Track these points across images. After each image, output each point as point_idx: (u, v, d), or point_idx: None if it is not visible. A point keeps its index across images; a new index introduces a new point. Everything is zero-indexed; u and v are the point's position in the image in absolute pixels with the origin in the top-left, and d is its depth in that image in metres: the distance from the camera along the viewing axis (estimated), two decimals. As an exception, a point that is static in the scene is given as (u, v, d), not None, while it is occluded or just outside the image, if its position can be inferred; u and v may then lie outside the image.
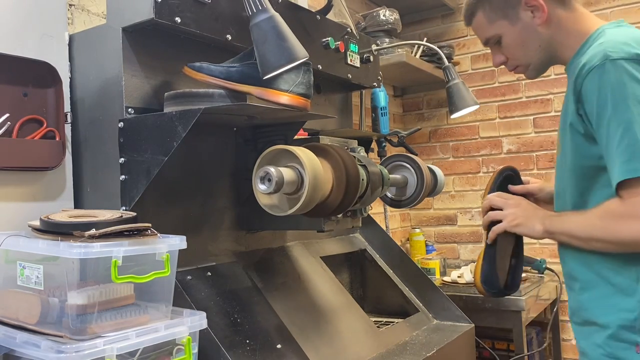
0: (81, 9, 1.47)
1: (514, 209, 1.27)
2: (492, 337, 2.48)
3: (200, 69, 1.27)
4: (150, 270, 0.98)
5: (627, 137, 1.00)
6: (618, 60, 1.03)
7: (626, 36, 1.08)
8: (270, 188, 1.12)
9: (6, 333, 0.96)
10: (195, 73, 1.27)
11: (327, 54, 1.71)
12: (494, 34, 1.26)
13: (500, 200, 1.31)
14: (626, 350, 1.06)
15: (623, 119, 1.00)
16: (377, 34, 2.52)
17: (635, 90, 1.01)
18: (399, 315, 1.85)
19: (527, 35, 1.22)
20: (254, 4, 1.25)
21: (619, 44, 1.05)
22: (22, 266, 0.99)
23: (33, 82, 1.27)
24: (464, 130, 3.07)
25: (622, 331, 1.07)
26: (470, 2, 1.29)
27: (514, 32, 1.23)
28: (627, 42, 1.05)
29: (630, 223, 1.00)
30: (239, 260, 1.48)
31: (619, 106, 1.01)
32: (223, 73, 1.26)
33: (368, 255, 1.97)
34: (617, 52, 1.04)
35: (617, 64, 1.02)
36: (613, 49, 1.05)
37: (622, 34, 1.10)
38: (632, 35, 1.09)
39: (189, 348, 1.01)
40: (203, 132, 1.40)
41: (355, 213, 1.45)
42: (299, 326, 1.39)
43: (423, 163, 1.65)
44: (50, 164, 1.26)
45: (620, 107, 1.01)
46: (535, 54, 1.24)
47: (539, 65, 1.26)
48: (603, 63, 1.04)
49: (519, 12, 1.21)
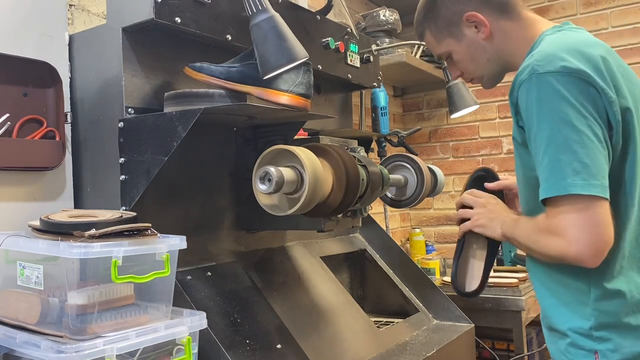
0: (81, 9, 1.47)
1: (480, 208, 1.28)
2: (492, 337, 2.47)
3: (200, 69, 1.27)
4: (150, 270, 0.98)
5: (547, 155, 1.00)
6: (543, 75, 1.01)
7: (559, 45, 1.05)
8: (270, 188, 1.12)
9: (6, 333, 0.96)
10: (195, 73, 1.27)
11: (327, 54, 1.71)
12: (444, 51, 1.27)
13: (471, 199, 1.31)
14: (586, 357, 1.06)
15: (544, 136, 1.00)
16: (377, 34, 2.52)
17: (557, 106, 0.99)
18: (399, 315, 1.85)
19: (474, 51, 1.23)
20: (254, 4, 1.25)
21: (547, 56, 1.03)
22: (22, 266, 0.99)
23: (33, 82, 1.27)
24: (464, 130, 3.07)
25: (580, 339, 1.06)
26: (418, 22, 1.30)
27: (461, 48, 1.24)
28: (556, 54, 1.02)
29: (551, 239, 1.01)
30: (239, 260, 1.48)
31: (541, 123, 1.01)
32: (223, 73, 1.26)
33: (368, 255, 1.97)
34: (544, 66, 1.01)
35: (542, 78, 1.01)
36: (540, 62, 1.02)
37: (556, 43, 1.07)
38: (566, 44, 1.06)
39: (189, 348, 1.01)
40: (203, 132, 1.40)
41: (355, 213, 1.45)
42: (299, 326, 1.39)
43: (423, 163, 1.65)
44: (50, 164, 1.26)
45: (543, 124, 1.00)
46: (485, 66, 1.24)
47: (492, 77, 1.26)
48: (530, 77, 1.02)
49: (463, 29, 1.22)
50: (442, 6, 1.23)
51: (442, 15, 1.23)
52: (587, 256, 0.98)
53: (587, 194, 0.96)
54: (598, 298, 1.05)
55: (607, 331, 1.04)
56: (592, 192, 0.96)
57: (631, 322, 1.04)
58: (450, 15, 1.22)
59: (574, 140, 0.98)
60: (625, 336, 1.04)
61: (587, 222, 0.97)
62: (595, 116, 0.99)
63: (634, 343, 1.04)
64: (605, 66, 1.03)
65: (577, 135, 0.98)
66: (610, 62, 1.05)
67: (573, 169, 0.97)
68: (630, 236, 1.07)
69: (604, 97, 1.00)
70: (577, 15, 2.79)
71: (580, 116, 0.98)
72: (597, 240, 0.97)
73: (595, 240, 0.97)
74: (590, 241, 0.97)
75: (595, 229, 0.97)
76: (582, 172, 0.97)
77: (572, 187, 0.96)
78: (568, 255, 0.99)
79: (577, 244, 0.97)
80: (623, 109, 1.03)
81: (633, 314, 1.04)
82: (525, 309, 2.11)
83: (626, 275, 1.06)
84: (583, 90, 0.99)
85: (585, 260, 0.98)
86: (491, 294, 2.14)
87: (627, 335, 1.04)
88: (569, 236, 0.98)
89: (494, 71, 1.25)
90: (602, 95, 1.00)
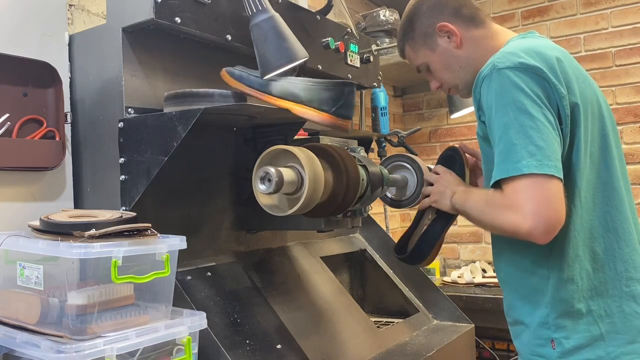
0: (81, 9, 1.47)
1: (437, 184, 1.34)
2: (492, 337, 2.47)
3: (240, 79, 1.27)
4: (150, 270, 0.98)
5: (502, 141, 1.06)
6: (503, 70, 1.09)
7: (519, 47, 1.14)
8: (270, 188, 1.12)
9: (6, 333, 0.96)
10: (232, 80, 1.28)
11: (327, 54, 1.71)
12: (421, 62, 1.35)
13: (432, 176, 1.38)
14: (544, 346, 1.13)
15: (501, 123, 1.07)
16: (377, 34, 2.52)
17: (514, 96, 1.07)
18: (399, 315, 1.85)
19: (448, 59, 1.31)
20: (254, 4, 1.25)
21: (507, 55, 1.11)
22: (22, 266, 0.99)
23: (33, 82, 1.27)
24: (464, 130, 3.07)
25: (539, 329, 1.13)
26: (398, 40, 1.40)
27: (436, 57, 1.32)
28: (515, 52, 1.11)
29: (506, 213, 1.06)
30: (239, 260, 1.48)
31: (499, 111, 1.08)
32: (263, 86, 1.26)
33: (368, 256, 1.97)
34: (503, 62, 1.10)
35: (502, 73, 1.09)
36: (500, 59, 1.11)
37: (516, 45, 1.16)
38: (525, 46, 1.14)
39: (189, 348, 1.01)
40: (203, 132, 1.40)
41: (355, 213, 1.45)
42: (299, 326, 1.39)
43: (423, 163, 1.65)
44: (50, 164, 1.26)
45: (500, 112, 1.08)
46: (458, 74, 1.31)
47: (466, 84, 1.31)
48: (491, 73, 1.10)
49: (437, 40, 1.30)
50: (418, 21, 1.33)
51: (417, 29, 1.33)
52: (540, 230, 1.02)
53: (542, 173, 1.02)
54: (555, 286, 1.11)
55: (561, 319, 1.11)
56: (546, 171, 1.02)
57: (582, 309, 1.10)
58: (424, 28, 1.32)
59: (529, 127, 1.04)
60: (577, 322, 1.10)
61: (542, 197, 1.02)
62: (548, 106, 1.07)
63: (585, 328, 1.10)
64: (559, 66, 1.11)
65: (532, 122, 1.05)
66: (564, 63, 1.13)
67: (528, 151, 1.03)
68: (583, 226, 1.13)
69: (555, 91, 1.08)
70: (577, 15, 2.80)
71: (535, 105, 1.06)
72: (551, 215, 1.02)
73: (550, 215, 1.02)
74: (546, 216, 1.01)
75: (550, 204, 1.02)
76: (536, 154, 1.03)
77: (527, 168, 1.02)
78: (522, 229, 1.03)
79: (532, 217, 1.01)
80: (572, 104, 1.10)
81: (584, 300, 1.11)
82: (525, 309, 2.11)
83: (580, 263, 1.12)
84: (538, 83, 1.08)
85: (537, 235, 1.03)
86: (491, 294, 2.15)
87: (579, 321, 1.10)
88: (524, 210, 1.02)
89: (467, 79, 1.30)
90: (554, 89, 1.08)
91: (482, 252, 2.99)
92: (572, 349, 1.10)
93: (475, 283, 2.40)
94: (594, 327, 1.10)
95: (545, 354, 1.12)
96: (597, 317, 1.11)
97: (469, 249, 3.02)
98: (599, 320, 1.11)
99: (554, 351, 1.11)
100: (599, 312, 1.11)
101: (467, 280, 2.43)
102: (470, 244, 3.01)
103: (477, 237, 2.99)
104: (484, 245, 2.99)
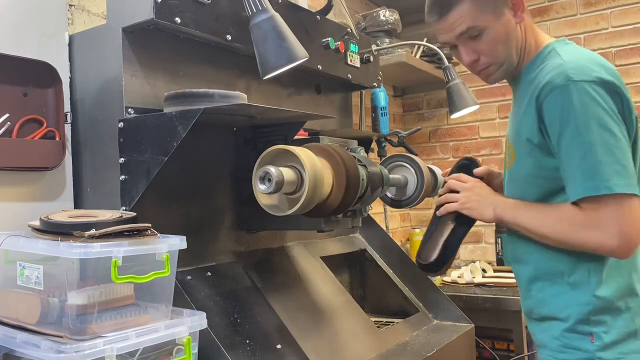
0: (81, 9, 1.47)
1: (468, 192, 1.34)
2: (492, 337, 2.47)
3: None
4: (150, 270, 0.98)
5: (589, 158, 1.08)
6: (580, 82, 1.09)
7: (584, 58, 1.14)
8: (270, 188, 1.12)
9: (6, 333, 0.96)
10: None
11: (327, 54, 1.71)
12: (480, 25, 1.20)
13: (457, 183, 1.37)
14: (582, 340, 1.16)
15: (586, 140, 1.08)
16: (377, 34, 2.52)
17: (597, 113, 1.08)
18: (399, 315, 1.85)
19: (509, 33, 1.22)
20: (254, 4, 1.25)
21: (580, 66, 1.11)
22: (22, 266, 0.99)
23: (33, 82, 1.27)
24: (464, 130, 3.07)
25: (578, 324, 1.17)
26: None
27: (499, 27, 1.21)
28: (588, 65, 1.11)
29: (590, 232, 1.10)
30: (239, 260, 1.48)
31: (581, 127, 1.08)
32: None
33: (368, 256, 1.97)
34: (579, 75, 1.10)
35: (579, 86, 1.09)
36: (575, 70, 1.10)
37: (579, 55, 1.15)
38: (588, 57, 1.15)
39: (188, 348, 1.01)
40: (203, 132, 1.40)
41: (355, 213, 1.45)
42: (299, 326, 1.39)
43: (423, 163, 1.65)
44: (50, 164, 1.26)
45: (583, 129, 1.08)
46: (512, 53, 1.24)
47: (510, 67, 1.26)
48: (566, 84, 1.09)
49: (503, 8, 1.21)
50: None
51: None
52: (624, 249, 1.09)
53: (629, 193, 1.07)
54: (596, 284, 1.16)
55: (601, 315, 1.15)
56: (632, 191, 1.07)
57: (621, 307, 1.16)
58: None
59: (613, 145, 1.08)
60: (616, 318, 1.15)
61: (629, 218, 1.07)
62: (623, 123, 1.11)
63: (624, 324, 1.15)
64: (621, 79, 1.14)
65: (615, 140, 1.08)
66: None
67: (615, 170, 1.07)
68: None
69: (627, 107, 1.12)
70: (577, 15, 2.79)
71: (614, 122, 1.09)
72: (636, 234, 1.08)
73: (634, 234, 1.08)
74: (631, 235, 1.08)
75: (636, 224, 1.08)
76: (623, 173, 1.07)
77: (617, 187, 1.06)
78: (607, 247, 1.09)
79: (619, 237, 1.07)
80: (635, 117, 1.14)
81: (623, 298, 1.16)
82: (525, 309, 2.11)
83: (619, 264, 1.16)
84: (613, 99, 1.10)
85: (621, 253, 1.10)
86: (491, 294, 2.14)
87: (618, 317, 1.15)
88: (611, 230, 1.07)
89: (513, 61, 1.25)
90: (626, 105, 1.11)
91: (482, 252, 2.99)
92: (610, 343, 1.14)
93: (475, 283, 2.40)
94: (631, 323, 1.15)
95: (583, 347, 1.16)
96: (635, 314, 1.16)
97: (469, 249, 3.02)
98: (636, 317, 1.16)
99: (593, 344, 1.15)
100: (636, 309, 1.16)
101: (467, 280, 2.43)
102: (470, 244, 3.01)
103: (477, 237, 2.99)
104: (484, 245, 2.99)
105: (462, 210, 1.33)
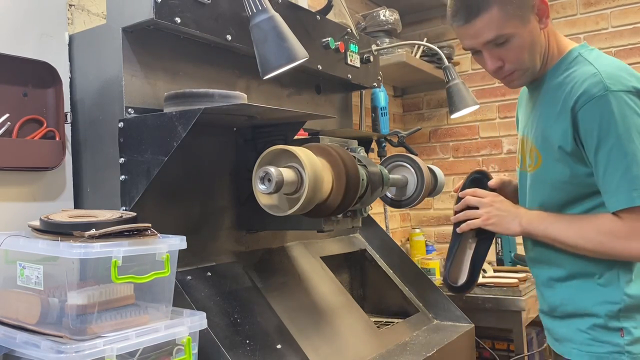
0: (81, 9, 1.47)
1: (488, 207, 1.33)
2: (492, 337, 2.47)
3: None
4: (150, 270, 0.98)
5: (633, 167, 1.09)
6: (618, 92, 1.10)
7: (615, 66, 1.15)
8: (270, 188, 1.12)
9: (6, 333, 0.96)
10: None
11: (327, 54, 1.71)
12: (507, 32, 1.18)
13: (475, 200, 1.36)
14: (612, 334, 1.19)
15: (628, 150, 1.09)
16: (377, 34, 2.52)
17: (637, 122, 1.10)
18: (399, 315, 1.85)
19: (535, 39, 1.21)
20: (254, 4, 1.25)
21: (615, 76, 1.12)
22: (22, 266, 0.99)
23: (33, 82, 1.27)
24: (464, 130, 3.07)
25: (608, 320, 1.19)
26: None
27: (526, 34, 1.19)
28: (621, 74, 1.13)
29: (631, 243, 1.12)
30: (239, 260, 1.48)
31: (622, 138, 1.10)
32: None
33: (368, 256, 1.97)
34: (616, 84, 1.11)
35: (618, 96, 1.10)
36: (611, 80, 1.11)
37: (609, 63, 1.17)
38: (619, 65, 1.17)
39: (189, 348, 1.01)
40: (203, 132, 1.40)
41: (355, 213, 1.45)
42: (299, 326, 1.39)
43: (423, 163, 1.65)
44: (50, 164, 1.26)
45: (625, 139, 1.10)
46: (536, 58, 1.23)
47: (534, 72, 1.25)
48: (605, 94, 1.10)
49: (529, 15, 1.19)
50: None
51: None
52: None
53: None
54: (625, 283, 1.19)
55: (631, 312, 1.18)
56: None
57: None
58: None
59: None
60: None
61: None
62: None
63: None
64: None
65: None
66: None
67: None
68: None
69: None
70: (577, 15, 2.79)
71: None
72: None
73: None
74: None
75: None
76: None
77: None
78: None
79: None
80: None
81: None
82: (525, 309, 2.11)
83: None
84: None
85: None
86: (491, 294, 2.14)
87: None
88: None
89: (537, 67, 1.25)
90: None
91: (482, 252, 2.98)
92: None
93: (475, 283, 2.40)
94: None
95: (613, 340, 1.18)
96: None
97: (469, 249, 3.02)
98: None
99: (623, 339, 1.18)
100: None
101: (467, 280, 2.42)
102: (470, 244, 3.01)
103: (477, 237, 2.99)
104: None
105: (485, 226, 1.32)
